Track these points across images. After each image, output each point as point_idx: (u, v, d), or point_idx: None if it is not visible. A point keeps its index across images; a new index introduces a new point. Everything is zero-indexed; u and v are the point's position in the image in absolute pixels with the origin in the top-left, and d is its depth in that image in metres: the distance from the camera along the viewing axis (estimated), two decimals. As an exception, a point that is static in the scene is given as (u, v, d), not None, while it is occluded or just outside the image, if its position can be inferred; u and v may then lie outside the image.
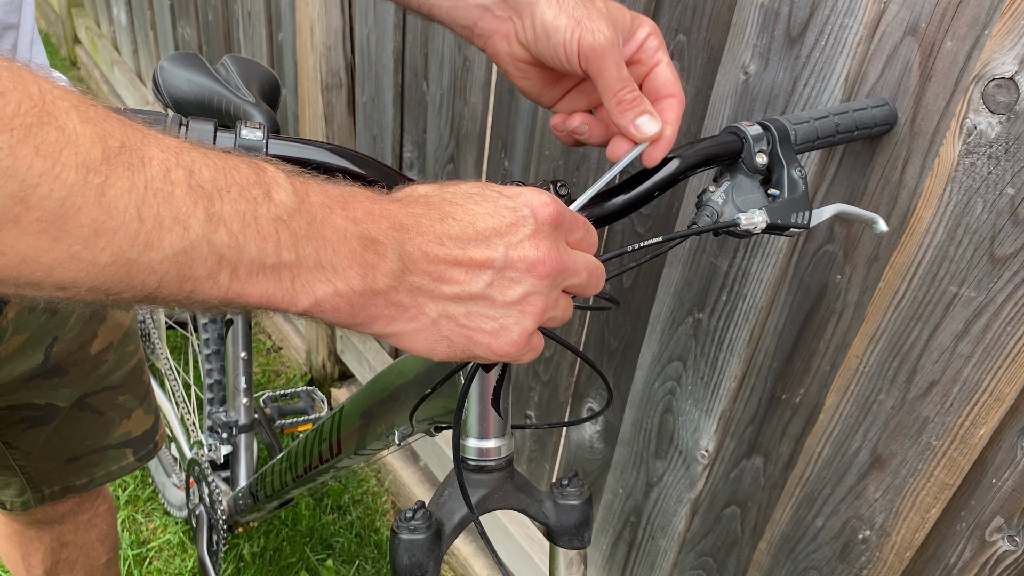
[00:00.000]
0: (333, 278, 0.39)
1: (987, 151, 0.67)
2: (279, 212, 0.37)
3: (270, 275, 0.37)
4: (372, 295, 0.41)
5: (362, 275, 0.40)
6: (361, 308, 0.41)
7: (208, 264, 0.35)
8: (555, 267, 0.44)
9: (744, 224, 0.61)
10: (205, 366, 1.48)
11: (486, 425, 0.65)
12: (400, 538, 0.64)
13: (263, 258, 0.37)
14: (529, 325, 0.44)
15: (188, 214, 0.34)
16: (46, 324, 0.85)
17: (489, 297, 0.43)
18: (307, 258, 0.38)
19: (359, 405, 0.91)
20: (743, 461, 1.01)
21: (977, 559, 0.78)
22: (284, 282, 0.38)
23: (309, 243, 0.38)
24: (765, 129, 0.64)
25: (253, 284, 0.37)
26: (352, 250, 0.39)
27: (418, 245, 0.42)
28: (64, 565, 1.12)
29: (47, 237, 0.31)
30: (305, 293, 0.39)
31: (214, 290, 0.36)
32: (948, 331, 0.73)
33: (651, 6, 0.94)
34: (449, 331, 0.43)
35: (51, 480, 0.99)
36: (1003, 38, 0.63)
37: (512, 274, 0.43)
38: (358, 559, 1.73)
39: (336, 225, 0.39)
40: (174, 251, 0.34)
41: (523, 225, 0.43)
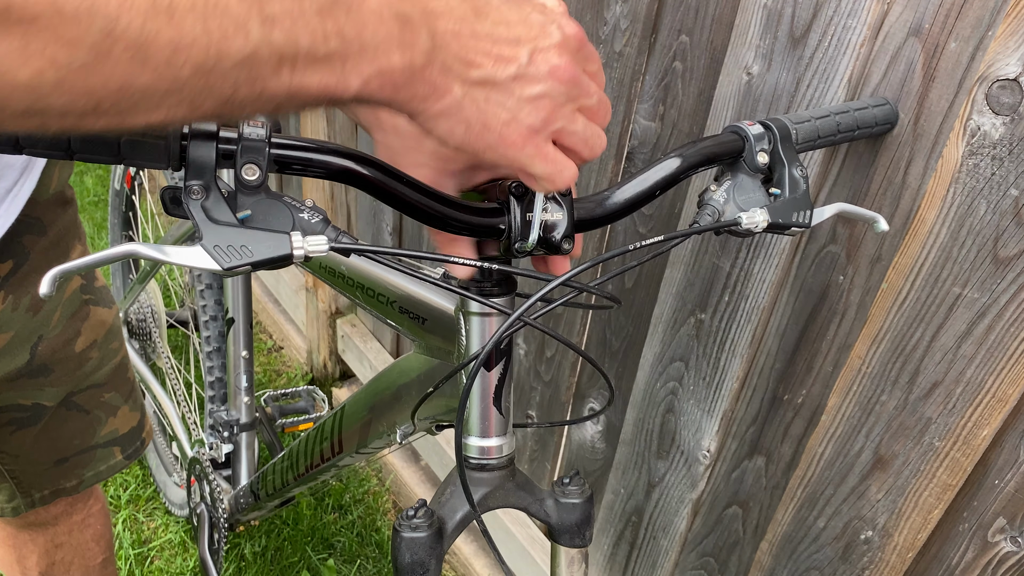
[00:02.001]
0: (377, 57, 0.42)
1: (991, 152, 0.67)
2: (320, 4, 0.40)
3: (323, 64, 0.41)
4: (411, 72, 0.44)
5: (401, 52, 0.43)
6: (404, 85, 0.44)
7: (271, 63, 0.39)
8: (573, 76, 0.48)
9: (745, 223, 0.61)
10: (206, 364, 1.48)
11: (488, 424, 0.65)
12: (402, 536, 0.64)
13: (315, 49, 0.40)
14: (537, 122, 0.48)
15: (246, 20, 0.38)
16: (30, 323, 0.84)
17: (509, 89, 0.46)
18: (352, 42, 0.41)
19: (361, 404, 0.91)
20: (745, 461, 1.01)
21: (979, 560, 0.78)
22: (336, 68, 0.41)
23: (351, 28, 0.41)
24: (766, 128, 0.64)
25: (311, 74, 0.41)
26: (390, 31, 0.43)
27: (449, 28, 0.45)
28: (59, 567, 1.11)
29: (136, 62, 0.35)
30: (355, 74, 0.42)
31: (279, 85, 0.40)
32: (951, 332, 0.73)
33: (654, 7, 0.94)
34: (470, 113, 0.46)
35: (41, 484, 0.98)
36: (1007, 39, 0.63)
37: (534, 71, 0.47)
38: (359, 558, 1.73)
39: (372, 9, 0.42)
40: (242, 56, 0.38)
41: (550, 36, 0.47)
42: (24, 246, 0.81)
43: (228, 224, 0.47)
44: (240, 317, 1.40)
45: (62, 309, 0.88)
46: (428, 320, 0.75)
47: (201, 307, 1.44)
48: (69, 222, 0.88)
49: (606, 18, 0.99)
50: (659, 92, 0.98)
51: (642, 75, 0.99)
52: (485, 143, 0.48)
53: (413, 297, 0.77)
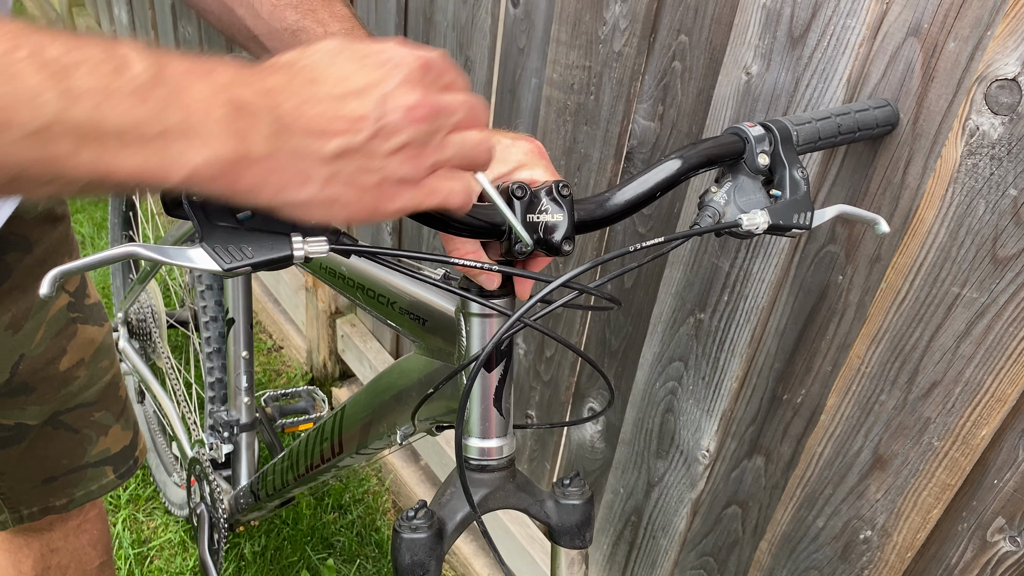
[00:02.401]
0: (204, 146, 0.38)
1: (989, 152, 0.67)
2: (136, 84, 0.37)
3: (138, 147, 0.37)
4: (250, 162, 0.40)
5: (236, 141, 0.39)
6: (241, 176, 0.40)
7: (68, 141, 0.35)
8: (431, 109, 0.44)
9: (746, 225, 0.61)
10: (206, 364, 1.48)
11: (488, 425, 0.65)
12: (402, 537, 0.64)
13: (126, 131, 0.36)
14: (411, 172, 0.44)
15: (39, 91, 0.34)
16: (9, 342, 0.83)
17: (370, 150, 0.43)
18: (174, 127, 0.37)
19: (361, 405, 0.91)
20: (744, 461, 1.01)
21: (979, 559, 0.78)
22: (154, 153, 0.37)
23: (173, 112, 0.37)
24: (767, 130, 0.64)
25: (122, 158, 0.37)
26: (221, 116, 0.39)
27: (293, 106, 0.41)
28: (55, 571, 1.10)
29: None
30: (178, 164, 0.38)
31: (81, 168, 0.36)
32: (950, 332, 0.73)
33: (653, 6, 0.94)
34: (340, 192, 0.43)
35: (29, 501, 0.96)
36: (1006, 39, 0.63)
37: (389, 121, 0.43)
38: (359, 558, 1.73)
39: (200, 93, 0.38)
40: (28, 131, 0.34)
41: (392, 75, 0.44)
42: (7, 264, 0.80)
43: (228, 225, 0.47)
44: (240, 317, 1.40)
45: (46, 327, 0.86)
46: (428, 321, 0.75)
47: (201, 307, 1.44)
48: (58, 239, 0.87)
49: (605, 18, 0.99)
50: (658, 92, 0.98)
51: (641, 75, 0.99)
52: (368, 211, 0.44)
53: (413, 298, 0.77)
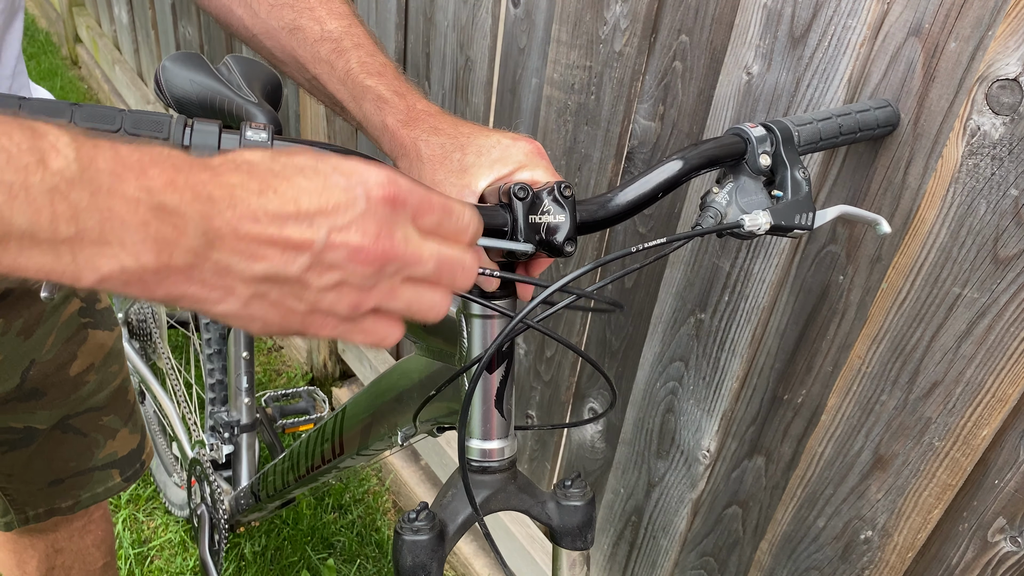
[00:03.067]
0: (120, 253, 0.36)
1: (991, 152, 0.67)
2: (55, 181, 0.34)
3: (46, 249, 0.34)
4: (168, 272, 0.37)
5: (156, 251, 0.36)
6: (157, 285, 0.37)
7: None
8: (382, 255, 0.40)
9: (748, 225, 0.61)
10: (207, 365, 1.48)
11: (489, 426, 0.65)
12: (403, 539, 0.64)
13: (36, 232, 0.34)
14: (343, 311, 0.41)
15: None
16: (21, 347, 0.83)
17: (304, 281, 0.39)
18: (89, 231, 0.35)
19: (362, 406, 0.91)
20: (745, 461, 1.01)
21: (979, 560, 0.78)
22: (63, 257, 0.35)
23: (92, 215, 0.35)
24: (768, 131, 0.64)
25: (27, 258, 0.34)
26: (144, 222, 0.36)
27: (228, 219, 0.38)
28: (60, 571, 1.11)
29: None
30: (89, 269, 0.35)
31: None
32: (951, 332, 0.73)
33: (653, 6, 0.94)
34: (262, 311, 0.40)
35: (35, 502, 0.97)
36: (1007, 39, 0.63)
37: (332, 258, 0.39)
38: (359, 558, 1.73)
39: (126, 195, 0.35)
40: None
41: (352, 205, 0.39)
42: None
43: None
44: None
45: (57, 333, 0.86)
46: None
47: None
48: None
49: (606, 18, 0.99)
50: (659, 92, 0.98)
51: (642, 75, 0.99)
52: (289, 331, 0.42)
53: (414, 298, 0.77)
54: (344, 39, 0.67)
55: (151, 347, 1.77)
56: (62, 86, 3.59)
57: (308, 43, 0.68)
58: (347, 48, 0.67)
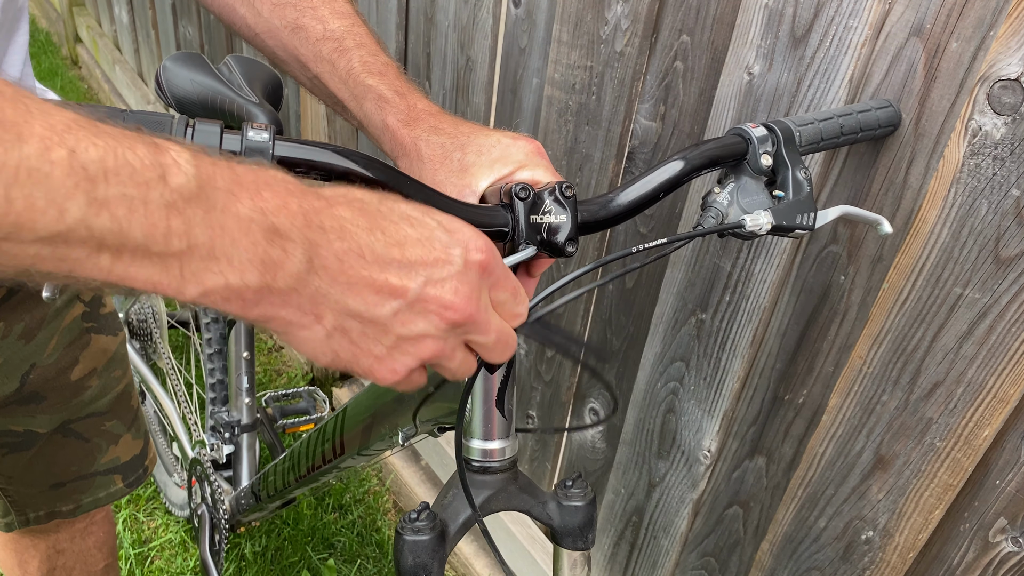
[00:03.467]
0: (227, 270, 0.36)
1: (992, 152, 0.67)
2: (173, 197, 0.35)
3: (156, 262, 0.35)
4: (269, 293, 0.38)
5: (262, 271, 0.37)
6: (255, 304, 0.38)
7: (87, 248, 0.33)
8: (465, 316, 0.42)
9: (749, 226, 0.61)
10: (207, 365, 1.48)
11: (490, 426, 0.65)
12: (404, 539, 0.64)
13: (149, 244, 0.34)
14: (414, 363, 0.43)
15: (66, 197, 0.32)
16: (22, 351, 0.82)
17: (388, 326, 0.41)
18: (200, 247, 0.36)
19: (362, 406, 0.91)
20: (745, 461, 1.01)
21: (980, 560, 0.78)
22: (172, 270, 0.36)
23: (204, 231, 0.35)
24: (770, 131, 0.64)
25: (137, 268, 0.35)
26: (254, 242, 0.37)
27: (336, 251, 0.39)
28: (61, 571, 1.11)
29: None
30: (194, 283, 0.36)
31: (95, 271, 0.34)
32: (952, 332, 0.73)
33: (655, 6, 0.94)
34: (339, 345, 0.41)
35: (35, 505, 0.97)
36: (1009, 39, 0.63)
37: (421, 308, 0.41)
38: (359, 558, 1.73)
39: (240, 214, 0.36)
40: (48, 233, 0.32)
41: (451, 263, 0.41)
42: None
43: None
44: (241, 317, 1.40)
45: (59, 337, 0.86)
46: (430, 322, 0.75)
47: (202, 308, 1.44)
48: None
49: (607, 18, 0.99)
50: (660, 92, 0.98)
51: (643, 75, 0.99)
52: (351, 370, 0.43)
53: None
54: (346, 38, 0.68)
55: (151, 347, 1.77)
56: (62, 86, 3.59)
57: (310, 42, 0.68)
58: (349, 47, 0.67)
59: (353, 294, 0.40)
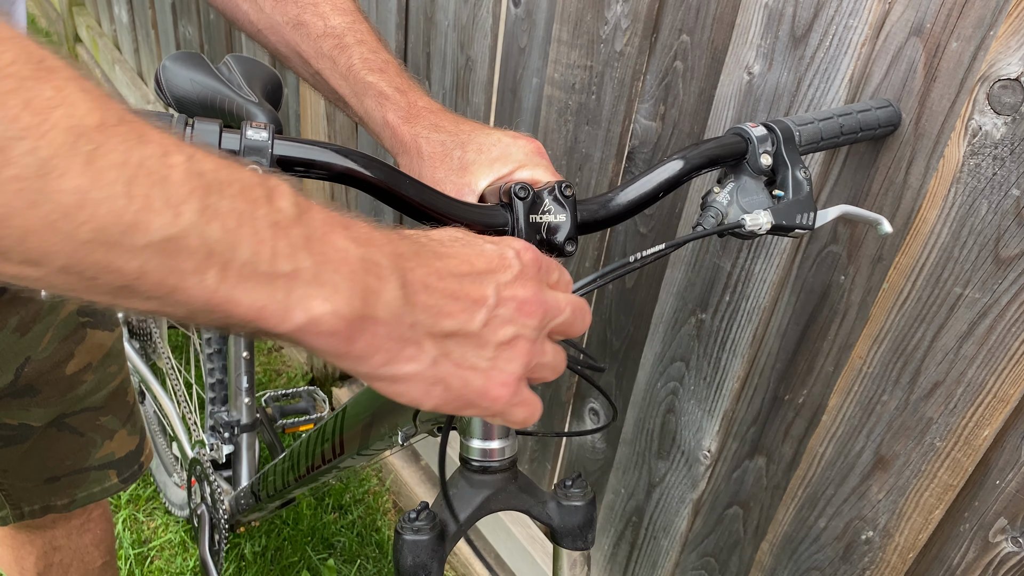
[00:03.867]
0: (333, 296, 0.36)
1: (992, 152, 0.67)
2: (279, 218, 0.35)
3: (263, 283, 0.35)
4: (372, 322, 0.38)
5: (363, 298, 0.37)
6: (359, 334, 0.38)
7: (196, 257, 0.33)
8: (542, 307, 0.44)
9: (749, 225, 0.61)
10: (207, 365, 1.48)
11: (490, 426, 0.65)
12: (404, 539, 0.64)
13: (257, 262, 0.34)
14: (518, 368, 0.44)
15: (182, 200, 0.32)
16: (16, 344, 0.82)
17: (483, 337, 0.42)
18: (305, 271, 0.36)
19: (362, 405, 0.91)
20: (745, 461, 1.01)
21: (980, 560, 0.78)
22: (278, 293, 0.35)
23: (308, 256, 0.36)
24: (769, 130, 0.64)
25: (244, 290, 0.34)
26: (353, 271, 0.37)
27: (419, 276, 0.40)
28: (57, 568, 1.11)
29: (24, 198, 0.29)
30: (301, 308, 0.36)
31: (199, 290, 0.33)
32: (952, 332, 0.73)
33: (654, 6, 0.94)
34: (446, 371, 0.41)
35: (30, 499, 0.97)
36: (1009, 39, 0.63)
37: (504, 313, 0.43)
38: (359, 558, 1.73)
39: (337, 244, 0.37)
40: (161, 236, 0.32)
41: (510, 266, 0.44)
42: None
43: None
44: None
45: (54, 331, 0.86)
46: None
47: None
48: None
49: (607, 17, 0.99)
50: (660, 92, 0.98)
51: (643, 75, 0.99)
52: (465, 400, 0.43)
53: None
54: (347, 35, 0.68)
55: (151, 347, 1.77)
56: (62, 86, 3.59)
57: (311, 39, 0.68)
58: (350, 44, 0.67)
59: (444, 316, 0.41)
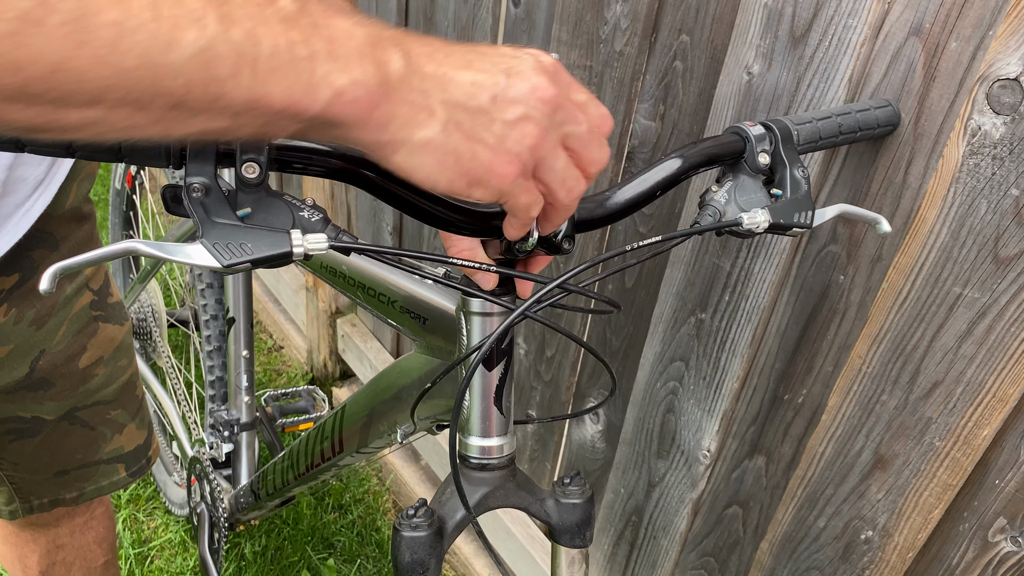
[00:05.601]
0: (348, 69, 0.40)
1: (991, 152, 0.67)
2: (284, 14, 0.39)
3: (288, 71, 0.39)
4: (387, 88, 0.42)
5: (375, 67, 0.41)
6: (378, 102, 0.41)
7: (228, 63, 0.37)
8: (555, 96, 0.45)
9: (747, 223, 0.61)
10: (207, 363, 1.48)
11: (488, 423, 0.65)
12: (402, 535, 0.64)
13: (278, 53, 0.38)
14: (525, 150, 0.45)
15: (202, 14, 0.35)
16: (32, 337, 0.83)
17: (491, 112, 0.44)
18: (320, 52, 0.39)
19: (361, 403, 0.91)
20: (745, 461, 1.01)
21: (980, 560, 0.78)
22: (302, 76, 0.39)
23: (319, 39, 0.39)
24: (767, 129, 0.64)
25: (275, 82, 0.38)
26: (361, 45, 0.41)
27: (422, 51, 0.43)
28: (60, 567, 1.11)
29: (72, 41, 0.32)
30: (325, 84, 0.39)
31: (238, 91, 0.37)
32: (951, 332, 0.73)
33: (654, 6, 0.94)
34: (457, 141, 0.44)
35: (40, 492, 0.98)
36: (1008, 39, 0.63)
37: (513, 93, 0.44)
38: (359, 558, 1.73)
39: (342, 26, 0.41)
40: (195, 49, 0.35)
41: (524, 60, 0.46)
42: (33, 260, 0.80)
43: (228, 222, 0.47)
44: (241, 316, 1.41)
45: (68, 324, 0.87)
46: (429, 320, 0.75)
47: (202, 306, 1.44)
48: (84, 238, 0.87)
49: (606, 17, 0.99)
50: (659, 91, 0.98)
51: (642, 74, 0.99)
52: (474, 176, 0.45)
53: (414, 296, 0.77)
54: None
55: (151, 346, 1.77)
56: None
57: None
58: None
59: (452, 85, 0.43)
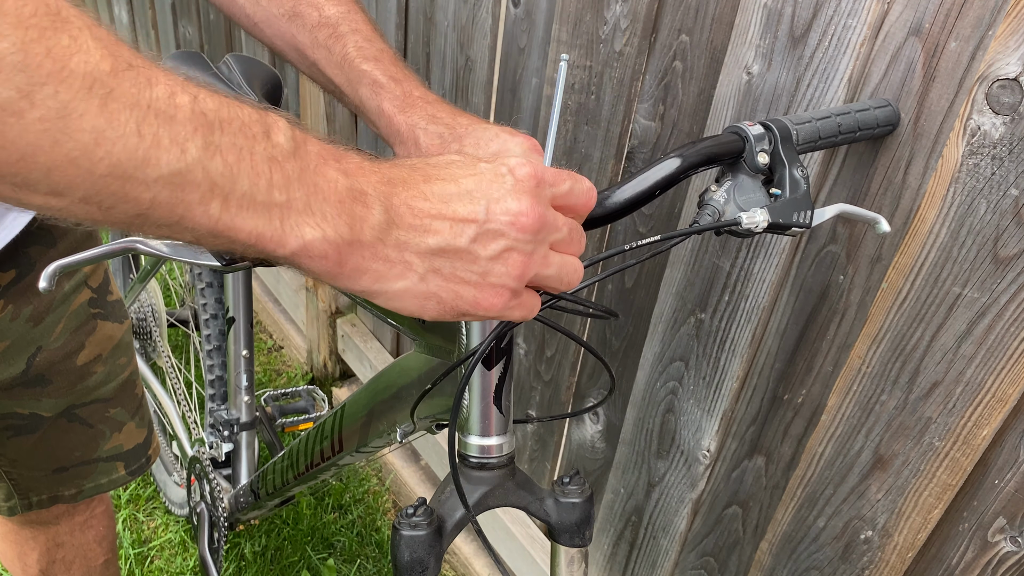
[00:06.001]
0: (322, 223, 0.40)
1: (991, 152, 0.67)
2: (275, 152, 0.38)
3: (260, 212, 0.38)
4: (359, 246, 0.42)
5: (350, 225, 0.41)
6: (348, 258, 0.42)
7: (200, 190, 0.36)
8: (536, 220, 0.45)
9: (746, 223, 0.61)
10: (207, 363, 1.48)
11: (488, 422, 0.65)
12: (401, 534, 0.64)
13: (254, 193, 0.38)
14: (511, 281, 0.45)
15: (187, 138, 0.35)
16: (29, 333, 0.83)
17: (472, 252, 0.44)
18: (297, 201, 0.39)
19: (361, 403, 0.91)
20: (745, 461, 1.01)
21: (979, 560, 0.78)
22: (273, 221, 0.39)
23: (301, 188, 0.39)
24: (767, 129, 0.64)
25: (243, 218, 0.38)
26: (341, 200, 0.41)
27: (404, 199, 0.43)
28: (60, 565, 1.11)
29: (48, 137, 0.32)
30: (294, 235, 0.40)
31: (204, 219, 0.37)
32: (951, 332, 0.73)
33: (654, 6, 0.94)
34: (436, 286, 0.44)
35: (38, 488, 0.97)
36: (1007, 39, 0.63)
37: (494, 227, 0.44)
38: (359, 558, 1.73)
39: (328, 175, 0.40)
40: (169, 171, 0.35)
41: (503, 181, 0.45)
42: (30, 257, 0.80)
43: None
44: (240, 316, 1.40)
45: (66, 321, 0.87)
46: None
47: (201, 306, 1.44)
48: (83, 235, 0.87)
49: (606, 17, 0.99)
50: (659, 92, 0.98)
51: (642, 75, 0.99)
52: (460, 311, 0.45)
53: (413, 296, 0.77)
54: (341, 24, 0.69)
55: (151, 346, 1.77)
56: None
57: (307, 29, 0.70)
58: (344, 33, 0.68)
59: (430, 234, 0.43)
